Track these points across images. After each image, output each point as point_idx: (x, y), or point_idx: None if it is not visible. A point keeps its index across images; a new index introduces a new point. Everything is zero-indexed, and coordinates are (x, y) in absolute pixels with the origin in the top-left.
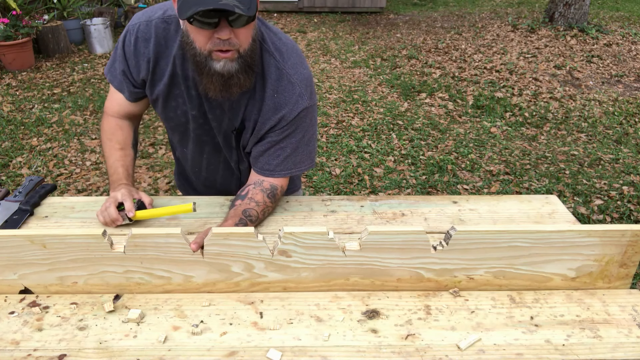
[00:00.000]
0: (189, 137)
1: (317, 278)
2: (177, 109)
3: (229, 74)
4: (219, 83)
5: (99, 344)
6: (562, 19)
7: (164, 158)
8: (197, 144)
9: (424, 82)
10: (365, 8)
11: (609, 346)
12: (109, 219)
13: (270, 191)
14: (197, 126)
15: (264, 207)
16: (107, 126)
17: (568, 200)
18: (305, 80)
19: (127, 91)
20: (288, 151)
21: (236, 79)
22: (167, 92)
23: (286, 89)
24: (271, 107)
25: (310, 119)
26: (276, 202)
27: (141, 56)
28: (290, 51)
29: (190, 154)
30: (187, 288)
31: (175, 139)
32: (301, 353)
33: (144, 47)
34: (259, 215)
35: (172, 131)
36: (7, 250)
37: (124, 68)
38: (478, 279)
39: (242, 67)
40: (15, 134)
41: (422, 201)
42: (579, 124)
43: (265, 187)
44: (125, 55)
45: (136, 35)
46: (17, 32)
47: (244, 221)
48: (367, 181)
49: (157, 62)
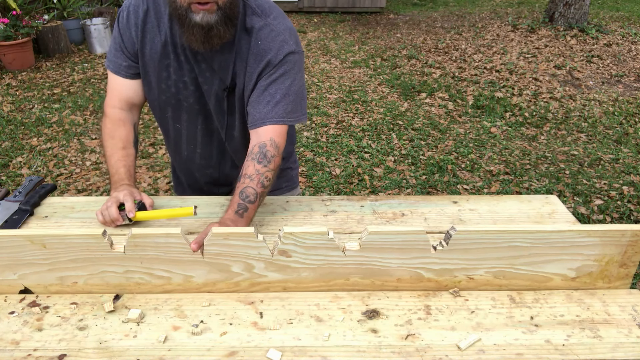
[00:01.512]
0: (182, 108)
1: (317, 278)
2: (169, 79)
3: (209, 26)
4: (200, 34)
5: (99, 344)
6: (562, 19)
7: (164, 158)
8: (190, 113)
9: (424, 82)
10: (365, 8)
11: (609, 346)
12: (109, 219)
13: (259, 153)
14: (189, 94)
15: (258, 177)
16: (109, 123)
17: (568, 200)
18: (289, 30)
19: (123, 68)
20: (277, 97)
21: (216, 30)
22: (158, 62)
23: (269, 36)
24: (256, 55)
25: (299, 66)
26: (272, 162)
27: (133, 26)
28: (271, 7)
29: (185, 128)
30: (187, 288)
31: (169, 115)
32: (301, 353)
33: (135, 17)
34: (257, 190)
35: (165, 107)
36: (7, 250)
37: (119, 44)
38: (478, 279)
39: (221, 19)
40: (15, 134)
41: (422, 201)
42: (579, 124)
43: (254, 152)
44: (119, 30)
45: (128, 10)
46: (17, 32)
47: (242, 205)
48: (367, 181)
49: (145, 31)
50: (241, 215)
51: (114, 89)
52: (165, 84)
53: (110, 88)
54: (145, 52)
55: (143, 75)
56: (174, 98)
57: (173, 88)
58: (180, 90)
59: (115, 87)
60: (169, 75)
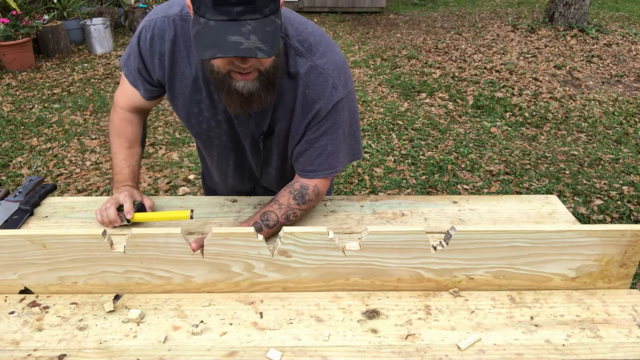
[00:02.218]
0: (213, 145)
1: (317, 278)
2: (200, 115)
3: (250, 93)
4: (239, 101)
5: (99, 344)
6: (562, 19)
7: (163, 158)
8: (222, 150)
9: (424, 82)
10: (365, 8)
11: (609, 346)
12: (107, 220)
13: (299, 192)
14: (221, 132)
15: (287, 209)
16: (117, 120)
17: (568, 200)
18: (337, 69)
19: (142, 89)
20: (329, 149)
21: (257, 96)
22: (189, 97)
23: (317, 81)
24: (304, 105)
25: (349, 109)
26: (307, 204)
27: (156, 54)
28: (317, 41)
29: (216, 161)
30: (187, 288)
31: (199, 145)
32: (301, 353)
33: (159, 45)
34: (280, 219)
35: (195, 138)
36: (7, 250)
37: (139, 66)
38: (478, 279)
39: (263, 85)
40: (15, 134)
41: (422, 201)
42: (579, 124)
43: (294, 188)
44: (140, 52)
45: (152, 32)
46: (17, 32)
47: (258, 225)
48: (367, 181)
49: (174, 61)
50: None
51: (126, 93)
52: (197, 119)
53: (124, 90)
54: (175, 85)
55: (173, 106)
56: (205, 134)
57: (204, 125)
58: (212, 128)
59: (129, 93)
60: (201, 112)
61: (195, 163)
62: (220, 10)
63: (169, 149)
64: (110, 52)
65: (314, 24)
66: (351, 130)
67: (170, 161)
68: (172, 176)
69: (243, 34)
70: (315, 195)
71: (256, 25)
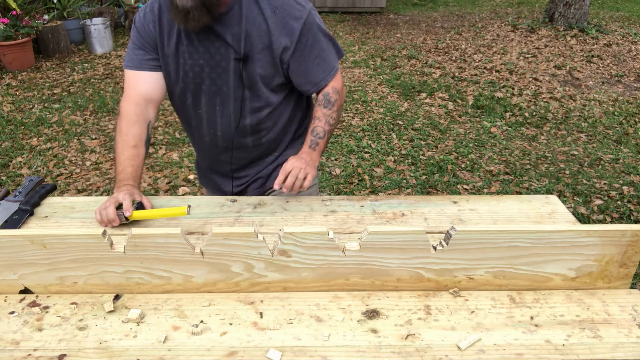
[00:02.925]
0: (201, 92)
1: (317, 278)
2: (185, 64)
3: (184, 9)
4: (180, 16)
5: (99, 344)
6: (562, 19)
7: (163, 158)
8: (208, 96)
9: (424, 82)
10: (365, 8)
11: (609, 346)
12: (106, 219)
13: (324, 100)
14: (205, 76)
15: (324, 118)
16: (123, 120)
17: (568, 200)
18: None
19: (144, 62)
20: (322, 55)
21: (192, 14)
22: (175, 50)
23: (284, 2)
24: (279, 25)
25: (318, 18)
26: (335, 104)
27: (150, 22)
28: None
29: (205, 112)
30: (187, 288)
31: (189, 102)
32: (301, 353)
33: (151, 15)
34: (325, 127)
35: (185, 94)
36: (7, 250)
37: (139, 42)
38: (478, 279)
39: (197, 5)
40: (15, 134)
41: (422, 201)
42: (579, 124)
43: (320, 100)
44: (137, 30)
45: (144, 10)
46: (17, 32)
47: (314, 142)
48: (367, 181)
49: (162, 25)
50: (314, 149)
51: (131, 86)
52: (183, 69)
53: (128, 86)
54: (164, 44)
55: (164, 67)
56: (192, 83)
57: (190, 73)
58: (197, 73)
59: (134, 84)
60: (185, 61)
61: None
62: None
63: (169, 149)
64: (110, 52)
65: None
66: (326, 33)
67: (170, 161)
68: (172, 176)
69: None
70: (336, 94)
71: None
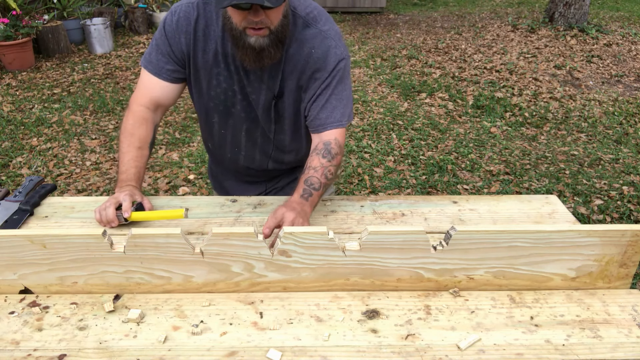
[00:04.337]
0: (229, 115)
1: (317, 278)
2: (218, 87)
3: (261, 48)
4: (252, 55)
5: (99, 344)
6: (562, 19)
7: (163, 158)
8: (236, 119)
9: (424, 82)
10: (365, 8)
11: (609, 346)
12: (105, 219)
13: (324, 149)
14: (236, 101)
15: (322, 169)
16: (131, 119)
17: (568, 200)
18: (338, 35)
19: (165, 71)
20: (334, 103)
21: (267, 52)
22: (210, 70)
23: (323, 43)
24: (311, 63)
25: (349, 71)
26: (335, 158)
27: (183, 33)
28: (320, 12)
29: (230, 133)
30: (187, 288)
31: (215, 120)
32: (301, 353)
33: (185, 25)
34: (321, 180)
35: (213, 113)
36: (7, 250)
37: (167, 50)
38: (478, 279)
39: (272, 42)
40: (15, 134)
41: (422, 201)
42: (579, 124)
43: (319, 149)
44: (166, 35)
45: (178, 15)
46: (17, 32)
47: (307, 191)
48: (367, 181)
49: (197, 39)
50: (306, 199)
51: (146, 87)
52: (215, 91)
53: (143, 86)
54: (198, 60)
55: (194, 81)
56: (222, 105)
57: (222, 96)
58: (228, 97)
59: (149, 86)
60: (219, 84)
61: (195, 163)
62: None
63: (169, 149)
64: (110, 52)
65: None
66: (350, 93)
67: (170, 161)
68: (172, 176)
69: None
70: (338, 147)
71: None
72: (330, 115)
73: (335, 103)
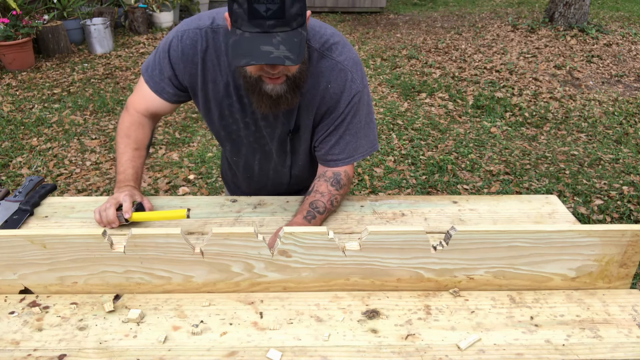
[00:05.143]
0: (242, 144)
1: (317, 278)
2: (231, 117)
3: (278, 96)
4: (269, 102)
5: (99, 344)
6: (562, 19)
7: (164, 158)
8: (249, 149)
9: (424, 82)
10: (365, 8)
11: (609, 346)
12: (105, 220)
13: (334, 179)
14: (249, 133)
15: (329, 196)
16: (128, 122)
17: (568, 200)
18: (355, 64)
19: (167, 95)
20: (347, 138)
21: (284, 98)
22: (221, 101)
23: (339, 76)
24: (326, 98)
25: (366, 101)
26: (343, 188)
27: (189, 62)
28: (336, 40)
29: (242, 160)
30: (187, 288)
31: (227, 147)
32: (301, 353)
33: (192, 54)
34: (327, 205)
35: (224, 140)
36: (7, 250)
37: (169, 74)
38: (478, 279)
39: (290, 88)
40: (15, 134)
41: (422, 201)
42: (579, 124)
43: (328, 176)
44: (170, 60)
45: (185, 43)
46: (17, 32)
47: (311, 213)
48: (367, 181)
49: (206, 69)
50: (309, 220)
51: (144, 98)
52: (226, 121)
53: (141, 95)
54: (208, 91)
55: (205, 110)
56: (235, 134)
57: (234, 126)
58: (241, 129)
59: (148, 98)
60: (232, 114)
61: (195, 163)
62: (255, 23)
63: (169, 149)
64: (110, 52)
65: (328, 25)
66: (368, 120)
67: (170, 161)
68: (172, 176)
69: (273, 45)
70: (347, 179)
71: (285, 37)
72: (343, 152)
73: (349, 139)
